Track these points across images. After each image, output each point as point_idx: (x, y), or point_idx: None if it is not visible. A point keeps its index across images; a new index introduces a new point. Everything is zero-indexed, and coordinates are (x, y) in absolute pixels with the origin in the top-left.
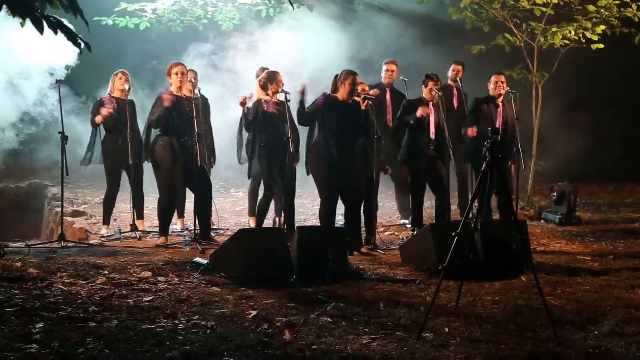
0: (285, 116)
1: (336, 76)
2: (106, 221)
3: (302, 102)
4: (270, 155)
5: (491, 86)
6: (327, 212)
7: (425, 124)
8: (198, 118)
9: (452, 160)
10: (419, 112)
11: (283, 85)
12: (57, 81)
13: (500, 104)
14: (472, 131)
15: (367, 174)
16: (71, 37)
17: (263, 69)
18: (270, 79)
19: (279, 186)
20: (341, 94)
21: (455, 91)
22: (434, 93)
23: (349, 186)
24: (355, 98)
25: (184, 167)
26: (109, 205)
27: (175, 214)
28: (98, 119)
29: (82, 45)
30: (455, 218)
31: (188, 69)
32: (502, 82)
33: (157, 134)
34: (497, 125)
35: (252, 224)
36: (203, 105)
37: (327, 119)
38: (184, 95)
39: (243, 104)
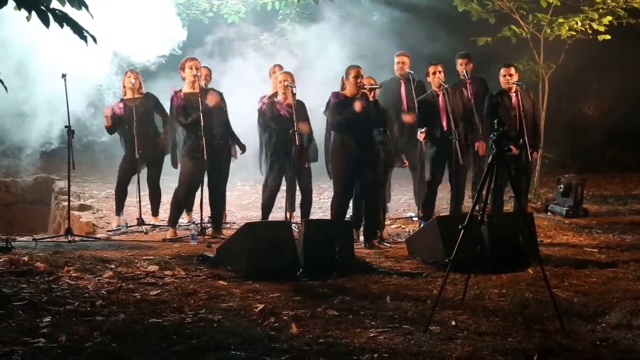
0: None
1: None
2: (118, 211)
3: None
4: (279, 155)
5: (501, 79)
6: (339, 205)
7: (438, 116)
8: (208, 113)
9: (458, 153)
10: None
11: (292, 81)
12: (63, 75)
13: (513, 95)
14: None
15: (379, 167)
16: (77, 30)
17: (276, 66)
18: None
19: (289, 183)
20: (349, 89)
21: (468, 84)
22: (437, 76)
23: (366, 179)
24: (362, 91)
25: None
26: (119, 195)
27: None
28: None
29: (88, 38)
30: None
31: (202, 65)
32: (510, 75)
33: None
34: (514, 116)
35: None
36: (220, 100)
37: (341, 117)
38: (201, 87)
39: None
